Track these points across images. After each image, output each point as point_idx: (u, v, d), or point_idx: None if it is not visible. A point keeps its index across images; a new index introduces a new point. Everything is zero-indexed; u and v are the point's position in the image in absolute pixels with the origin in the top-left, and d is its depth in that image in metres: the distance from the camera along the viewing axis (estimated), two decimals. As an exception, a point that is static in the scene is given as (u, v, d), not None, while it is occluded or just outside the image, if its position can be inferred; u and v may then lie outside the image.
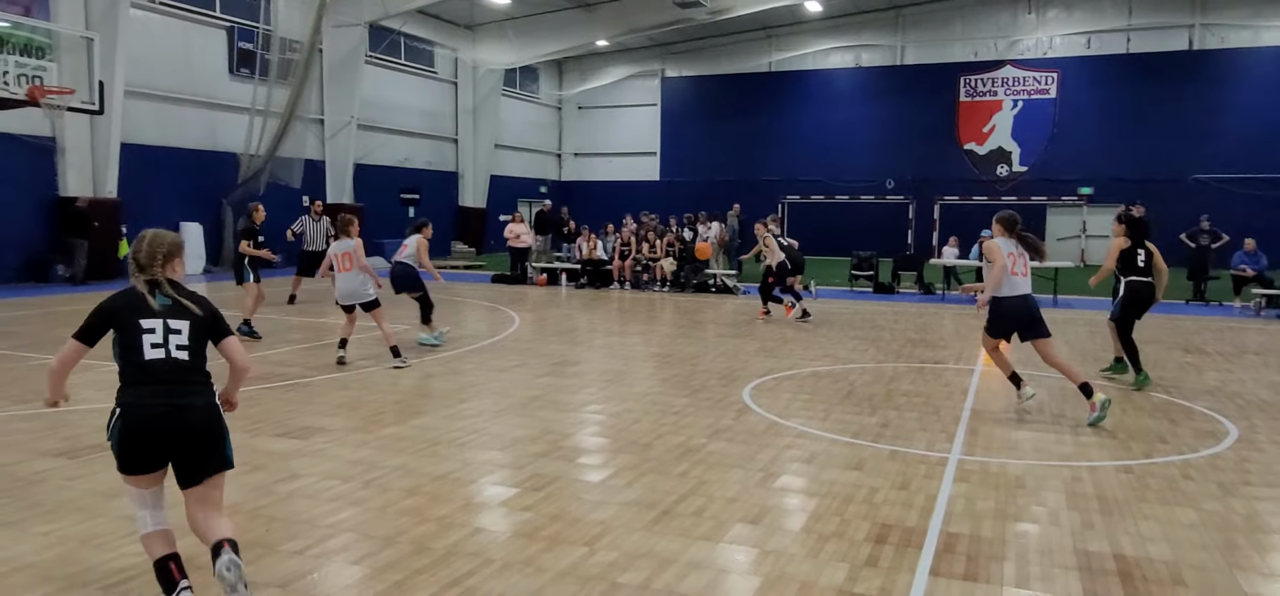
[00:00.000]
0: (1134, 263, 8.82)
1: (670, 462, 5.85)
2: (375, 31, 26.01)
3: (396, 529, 4.57)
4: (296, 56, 22.70)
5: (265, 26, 22.75)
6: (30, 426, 6.62)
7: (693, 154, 35.64)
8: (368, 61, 26.18)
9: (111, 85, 17.68)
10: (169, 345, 3.61)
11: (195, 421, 3.60)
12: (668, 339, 11.91)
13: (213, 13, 22.47)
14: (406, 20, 26.55)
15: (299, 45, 22.68)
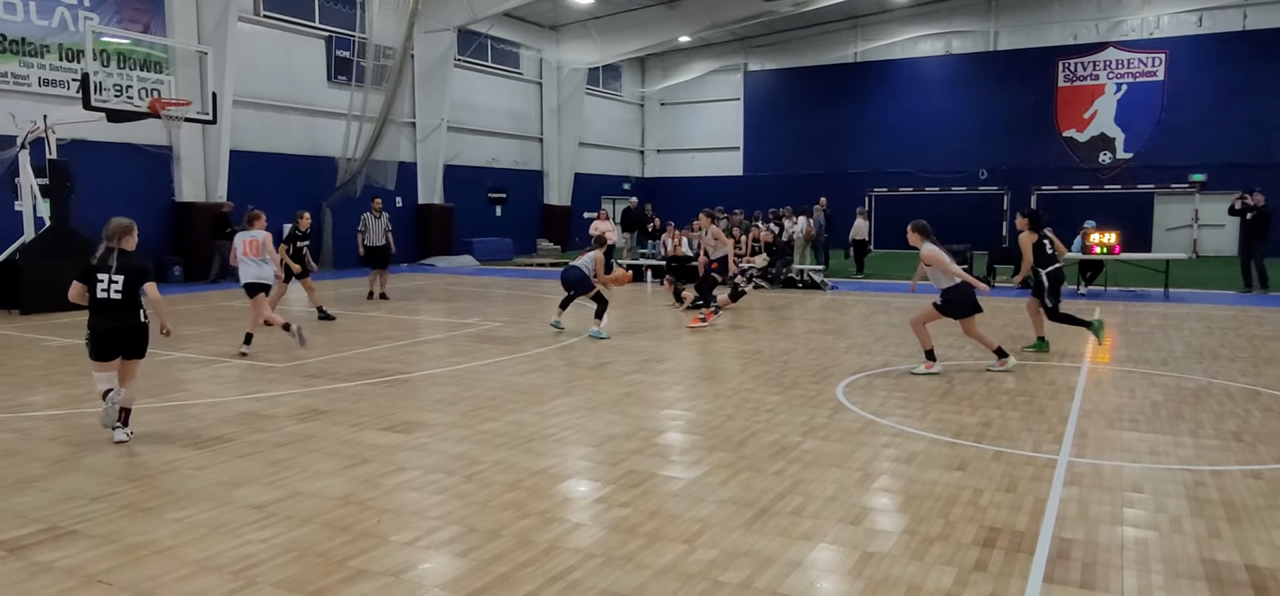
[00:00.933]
0: (1044, 252, 10.09)
1: (765, 461, 5.83)
2: (463, 35, 26.61)
3: (499, 522, 4.68)
4: (390, 62, 23.40)
5: (361, 35, 23.53)
6: (156, 418, 7.02)
7: (776, 148, 35.31)
8: (456, 65, 26.80)
9: (222, 96, 18.55)
10: (110, 291, 6.18)
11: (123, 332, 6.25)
12: (756, 335, 11.85)
13: (313, 23, 23.35)
14: (493, 23, 27.07)
15: (392, 52, 23.37)
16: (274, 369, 9.29)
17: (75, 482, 5.36)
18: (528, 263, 26.25)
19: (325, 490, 5.20)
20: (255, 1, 21.76)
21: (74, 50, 17.56)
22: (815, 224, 21.84)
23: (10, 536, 4.47)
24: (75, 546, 4.34)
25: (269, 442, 6.26)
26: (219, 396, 7.98)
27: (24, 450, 6.13)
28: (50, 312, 13.63)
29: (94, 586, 3.88)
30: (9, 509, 4.88)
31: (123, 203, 14.83)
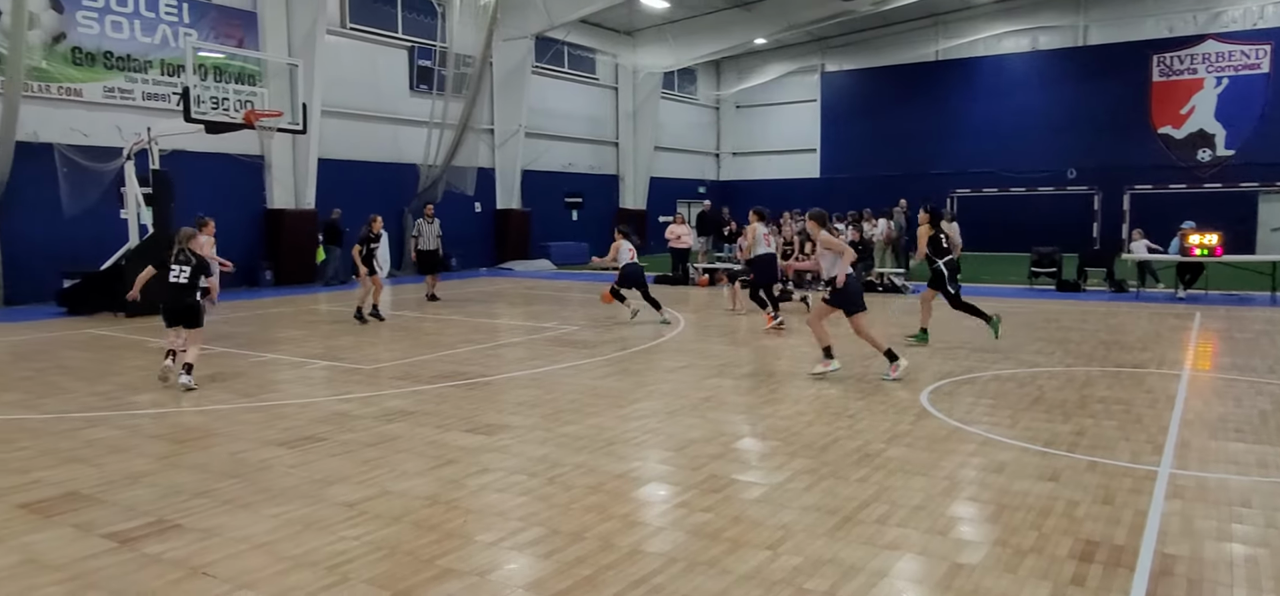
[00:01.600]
0: (939, 244, 10.83)
1: (848, 467, 5.74)
2: (541, 42, 26.97)
3: (582, 525, 4.72)
4: (469, 71, 23.87)
5: (442, 44, 24.07)
6: (253, 417, 7.30)
7: (854, 149, 34.75)
8: (534, 72, 27.17)
9: (310, 106, 19.19)
10: (180, 277, 8.54)
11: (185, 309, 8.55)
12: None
13: (396, 34, 23.99)
14: (570, 30, 27.36)
15: (472, 60, 23.84)
16: (361, 371, 9.57)
17: (179, 478, 5.62)
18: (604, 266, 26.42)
19: (413, 490, 5.33)
20: (342, 14, 22.46)
21: (174, 65, 18.41)
22: (895, 226, 21.43)
23: (122, 528, 4.71)
24: (180, 539, 4.54)
25: (358, 442, 6.44)
26: (309, 397, 8.25)
27: (132, 446, 6.45)
28: (153, 316, 14.30)
29: (199, 578, 4.05)
30: (120, 502, 5.14)
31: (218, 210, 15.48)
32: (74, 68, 17.22)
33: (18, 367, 9.96)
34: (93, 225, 16.57)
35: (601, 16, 28.03)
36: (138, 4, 18.13)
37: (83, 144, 17.08)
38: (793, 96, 36.65)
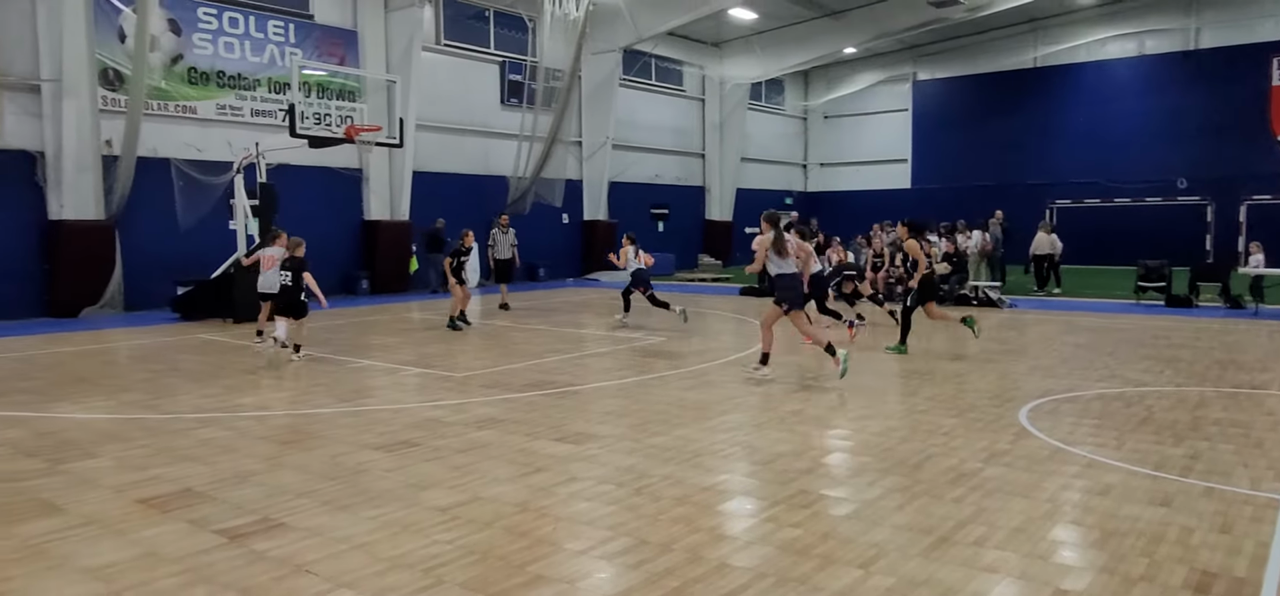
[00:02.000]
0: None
1: (943, 486, 5.58)
2: (628, 55, 27.21)
3: (670, 537, 4.71)
4: (559, 84, 24.26)
5: (532, 59, 24.54)
6: (351, 422, 7.56)
7: (947, 159, 33.89)
8: (621, 85, 27.43)
9: (407, 120, 19.83)
10: (285, 278, 10.63)
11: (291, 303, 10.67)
12: (927, 354, 11.38)
13: (488, 50, 24.58)
14: (657, 42, 27.51)
15: (561, 74, 24.22)
16: (451, 379, 9.79)
17: (283, 478, 5.85)
18: (689, 277, 26.41)
19: (503, 496, 5.42)
20: (437, 32, 23.13)
21: (281, 83, 19.27)
22: (991, 238, 20.79)
23: (231, 525, 4.93)
24: (285, 537, 4.73)
25: (450, 448, 6.59)
26: (403, 403, 8.49)
27: (240, 447, 6.75)
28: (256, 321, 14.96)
29: (302, 575, 4.21)
30: (230, 500, 5.39)
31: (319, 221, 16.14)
32: (190, 86, 18.22)
33: (137, 370, 10.55)
34: (204, 236, 17.46)
35: (688, 28, 28.10)
36: (248, 25, 19.07)
37: (196, 159, 18.03)
38: (883, 106, 36.01)
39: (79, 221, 16.19)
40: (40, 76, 16.06)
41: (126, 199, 16.65)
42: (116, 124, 16.59)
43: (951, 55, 33.75)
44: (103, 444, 6.85)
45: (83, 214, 16.24)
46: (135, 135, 16.21)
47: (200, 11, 18.30)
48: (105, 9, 16.87)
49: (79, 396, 8.90)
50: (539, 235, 24.75)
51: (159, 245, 17.32)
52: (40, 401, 8.64)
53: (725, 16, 26.78)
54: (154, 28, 16.68)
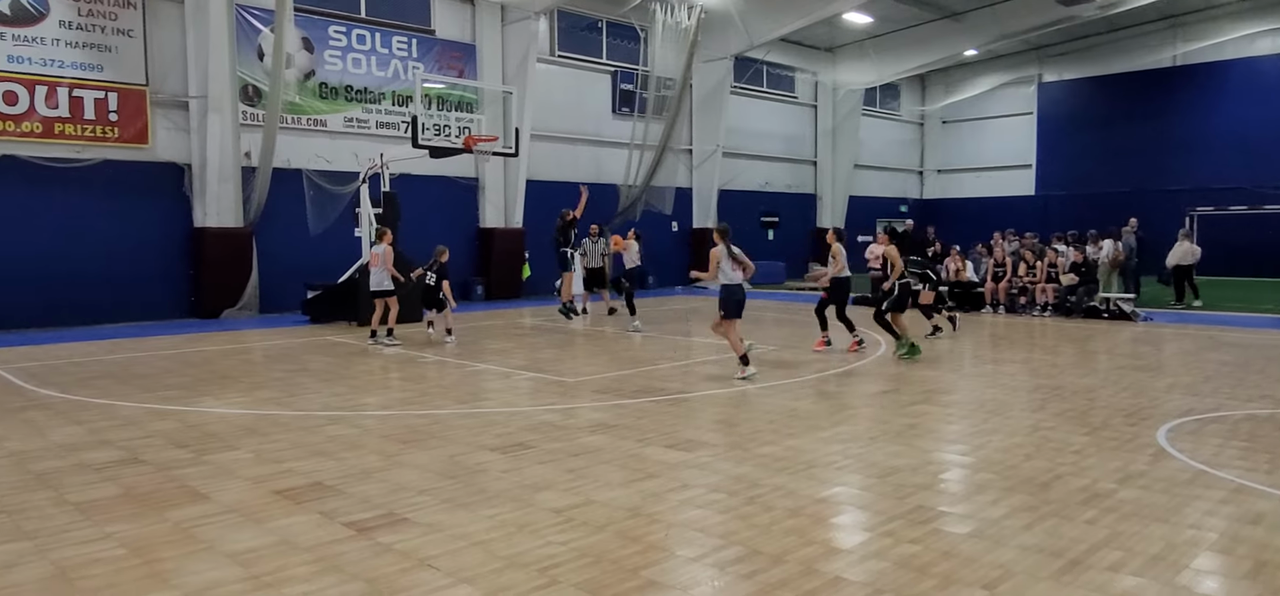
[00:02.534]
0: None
1: (1074, 507, 5.30)
2: (739, 62, 27.09)
3: (782, 548, 4.65)
4: (670, 93, 24.39)
5: (643, 68, 24.75)
6: (468, 424, 7.78)
7: (1075, 164, 32.26)
8: (732, 92, 27.33)
9: (522, 131, 20.33)
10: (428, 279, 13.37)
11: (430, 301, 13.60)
12: (1055, 368, 10.86)
13: (600, 60, 24.95)
14: (769, 49, 27.30)
15: (672, 82, 24.34)
16: (564, 383, 9.96)
17: (405, 476, 6.07)
18: (799, 286, 26.05)
19: (616, 500, 5.47)
20: (551, 43, 23.64)
21: (403, 96, 20.11)
22: (1124, 247, 19.66)
23: (358, 518, 5.15)
24: (408, 532, 4.90)
25: (564, 452, 6.70)
26: (517, 407, 8.69)
27: (364, 444, 7.05)
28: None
29: (425, 569, 4.36)
30: (356, 494, 5.63)
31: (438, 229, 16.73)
32: (320, 101, 19.21)
33: (271, 368, 11.18)
34: (332, 242, 18.36)
35: (801, 34, 27.77)
36: (375, 42, 19.97)
37: (325, 169, 18.98)
38: (1005, 109, 34.62)
39: (220, 228, 17.29)
40: (189, 94, 17.27)
41: (262, 207, 17.68)
42: (254, 137, 17.68)
43: (1080, 55, 32.15)
44: (242, 437, 7.28)
45: (224, 222, 17.34)
46: (271, 147, 17.20)
47: (331, 30, 19.28)
48: (246, 30, 18.00)
49: (221, 392, 9.49)
50: (648, 243, 24.84)
51: (291, 251, 18.31)
52: (187, 396, 9.25)
53: (839, 21, 26.33)
54: (289, 46, 17.66)
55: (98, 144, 16.43)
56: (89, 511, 5.28)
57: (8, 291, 15.53)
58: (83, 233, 16.41)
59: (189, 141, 17.38)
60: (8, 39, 15.41)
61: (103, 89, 16.40)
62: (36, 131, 15.71)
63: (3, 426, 7.80)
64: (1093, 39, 31.05)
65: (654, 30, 23.88)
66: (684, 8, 23.53)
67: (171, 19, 17.19)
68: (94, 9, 16.28)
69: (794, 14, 24.05)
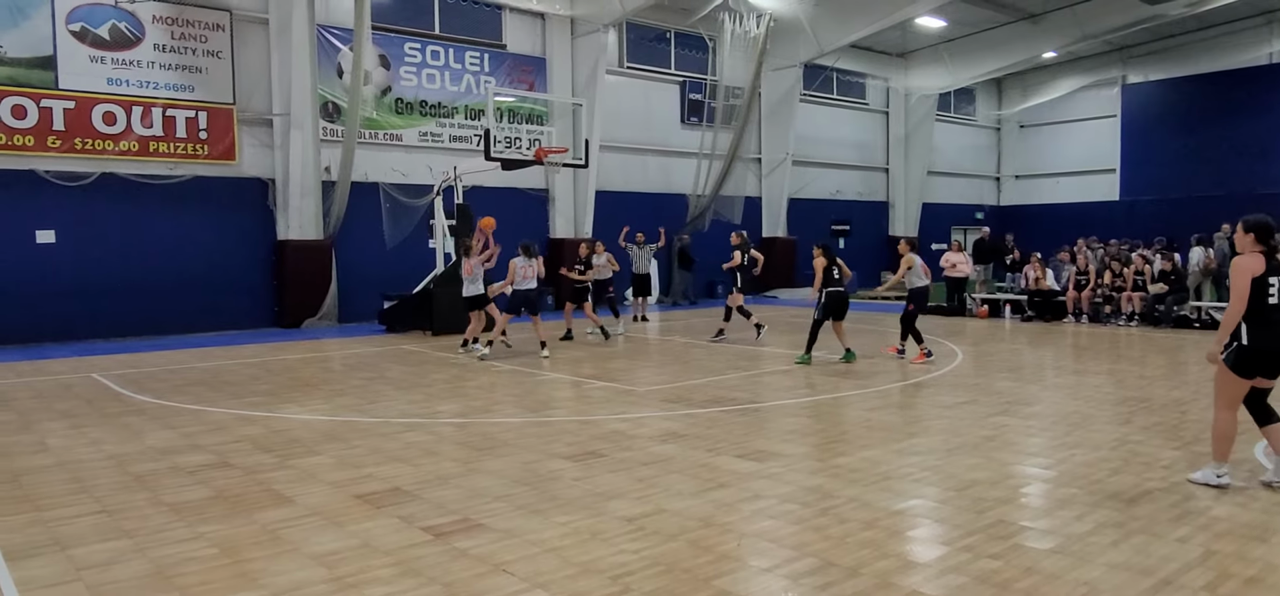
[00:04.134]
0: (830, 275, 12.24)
1: (1164, 524, 5.10)
2: (809, 70, 26.85)
3: (858, 560, 4.59)
4: (739, 102, 24.31)
5: (712, 77, 24.74)
6: (540, 432, 7.88)
7: (1162, 168, 30.97)
8: (802, 99, 27.09)
9: (591, 142, 20.53)
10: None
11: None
12: (1142, 380, 10.45)
13: (668, 70, 25.02)
14: (840, 56, 26.99)
15: (741, 91, 24.26)
16: (634, 393, 10.00)
17: (480, 482, 6.18)
18: (871, 296, 25.63)
19: (688, 509, 5.47)
20: (620, 55, 23.81)
21: (476, 110, 20.51)
22: (1215, 254, 18.85)
23: (435, 523, 5.26)
24: (484, 537, 4.99)
25: (635, 461, 6.73)
26: (589, 415, 8.76)
27: (440, 451, 7.20)
28: (457, 334, 15.91)
29: (500, 574, 4.43)
30: (433, 499, 5.75)
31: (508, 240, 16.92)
32: (396, 116, 19.73)
33: (350, 377, 11.50)
34: (407, 254, 18.82)
35: (872, 40, 27.40)
36: (448, 57, 20.43)
37: (401, 182, 19.47)
38: (1087, 112, 33.48)
39: (302, 241, 17.89)
40: (272, 111, 17.94)
41: (341, 220, 18.22)
42: (334, 152, 18.25)
43: (1168, 55, 30.89)
44: (323, 443, 7.51)
45: (305, 234, 17.93)
46: (350, 162, 17.73)
47: (406, 46, 19.80)
48: (326, 48, 18.61)
49: (303, 399, 9.80)
50: (717, 252, 24.80)
51: (368, 262, 18.82)
52: (272, 402, 9.59)
53: (911, 26, 25.88)
54: (367, 63, 18.18)
55: (189, 161, 17.18)
56: (182, 512, 5.51)
57: (107, 302, 16.34)
58: (175, 246, 17.16)
59: (272, 157, 18.04)
60: (107, 62, 16.25)
61: (193, 108, 17.15)
62: (133, 150, 16.50)
63: (104, 430, 8.20)
64: (1180, 38, 29.84)
65: (722, 39, 23.85)
66: (753, 16, 23.44)
67: (257, 40, 17.89)
68: (186, 32, 17.05)
69: (865, 20, 23.74)
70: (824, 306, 12.22)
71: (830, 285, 12.22)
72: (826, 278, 12.25)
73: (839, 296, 12.25)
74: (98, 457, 7.13)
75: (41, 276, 15.88)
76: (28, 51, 15.53)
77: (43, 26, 15.65)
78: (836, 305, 12.22)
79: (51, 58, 15.73)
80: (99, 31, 16.17)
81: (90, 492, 6.09)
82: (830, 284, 12.23)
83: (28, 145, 15.51)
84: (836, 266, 12.30)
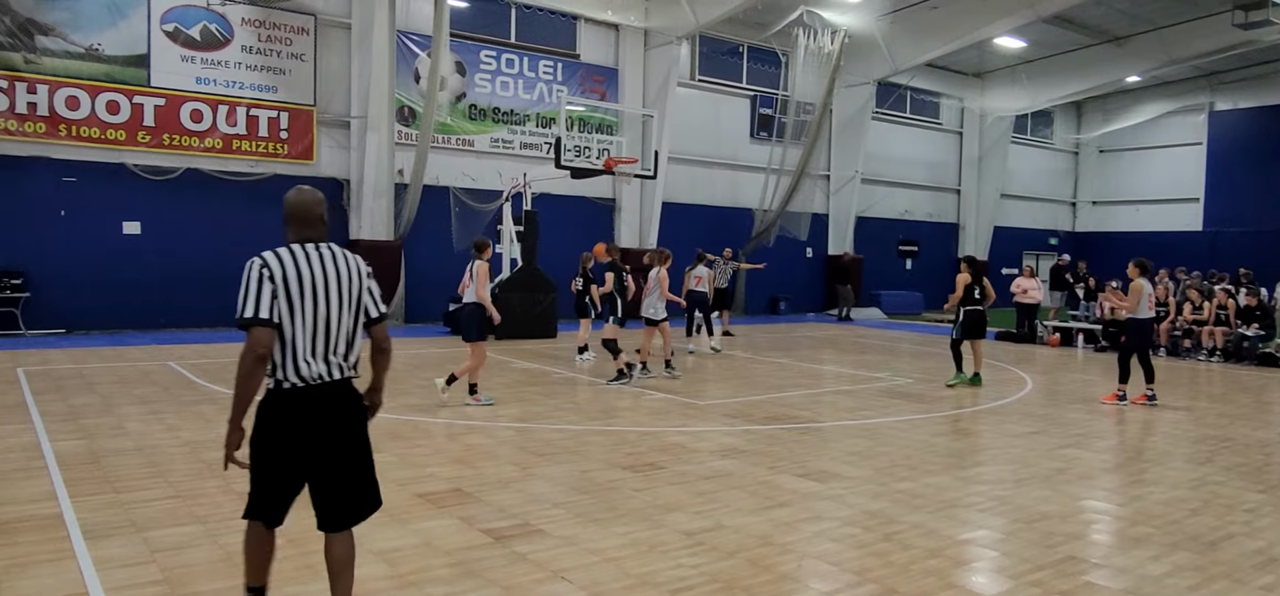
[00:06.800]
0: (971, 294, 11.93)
1: (1248, 571, 4.87)
2: (882, 88, 26.50)
3: (922, 590, 4.48)
4: (810, 118, 24.11)
5: (783, 92, 24.59)
6: (600, 440, 7.90)
7: (1251, 199, 29.69)
8: (874, 117, 26.74)
9: (660, 153, 20.57)
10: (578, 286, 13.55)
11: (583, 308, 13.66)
12: (1224, 418, 10.01)
13: (740, 84, 24.96)
14: (914, 74, 26.60)
15: (812, 107, 24.06)
16: (695, 406, 9.96)
17: (539, 488, 6.23)
18: (938, 318, 25.13)
19: (747, 527, 5.42)
20: (691, 68, 23.84)
21: (547, 118, 20.76)
22: (1306, 290, 17.99)
23: (495, 526, 5.31)
24: (543, 543, 5.02)
25: (695, 475, 6.70)
26: (649, 426, 8.75)
27: (500, 455, 7.27)
28: (520, 339, 16.11)
29: (558, 581, 4.45)
30: (493, 503, 5.81)
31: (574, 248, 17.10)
32: (469, 122, 20.08)
33: (414, 376, 11.71)
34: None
35: (948, 59, 26.93)
36: (522, 66, 20.74)
37: (471, 188, 19.79)
38: (1171, 139, 32.35)
39: (374, 241, 18.29)
40: (350, 114, 18.43)
41: (412, 223, 18.59)
42: (407, 155, 18.65)
43: (1259, 82, 29.68)
44: (388, 441, 7.65)
45: (376, 235, 18.34)
46: (423, 166, 18.09)
47: (482, 54, 20.15)
48: (405, 54, 19.05)
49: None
50: (782, 269, 24.66)
51: (435, 265, 19.15)
52: (339, 398, 9.79)
53: (989, 45, 25.36)
54: (444, 69, 18.55)
55: (269, 160, 17.74)
56: (253, 500, 5.67)
57: (188, 292, 16.95)
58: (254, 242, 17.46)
59: (349, 158, 18.52)
60: (196, 62, 16.90)
61: (276, 108, 17.72)
62: (217, 147, 17.13)
63: (179, 418, 8.50)
64: (1273, 64, 28.62)
65: (795, 55, 23.70)
66: (827, 33, 23.24)
67: (339, 44, 18.41)
68: (272, 34, 17.64)
69: (942, 39, 23.36)
70: (962, 325, 11.96)
71: (970, 303, 11.93)
72: (967, 295, 11.94)
73: (977, 315, 11.93)
74: (173, 443, 7.39)
75: (126, 266, 16.55)
76: (123, 50, 16.25)
77: (138, 26, 16.37)
78: (974, 324, 11.94)
79: (145, 56, 16.44)
80: (191, 32, 16.84)
81: (165, 477, 6.30)
82: (969, 302, 11.93)
83: (119, 139, 16.22)
84: (980, 285, 11.93)
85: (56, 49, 15.70)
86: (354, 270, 3.65)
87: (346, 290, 3.60)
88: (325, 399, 3.53)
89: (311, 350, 3.48)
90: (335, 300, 3.55)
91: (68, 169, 15.97)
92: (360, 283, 3.67)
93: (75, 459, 6.75)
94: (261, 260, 3.46)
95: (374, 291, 3.76)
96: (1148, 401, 10.79)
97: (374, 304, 3.76)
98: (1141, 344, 10.78)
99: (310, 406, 3.50)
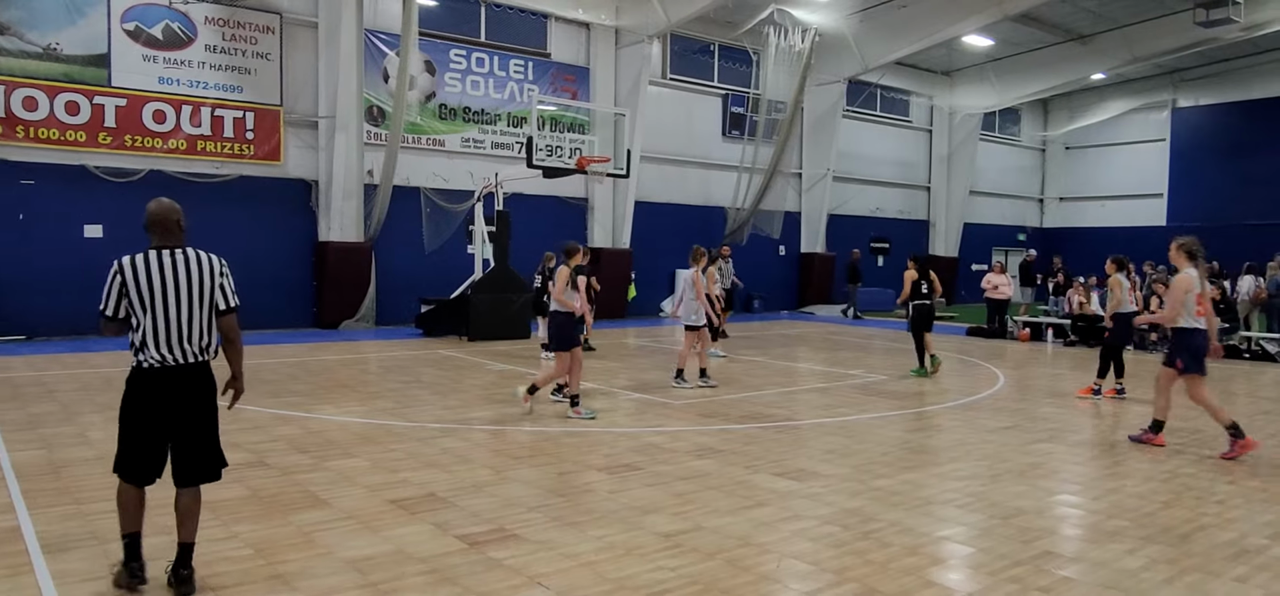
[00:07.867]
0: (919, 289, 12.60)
1: (1220, 562, 4.91)
2: (853, 86, 26.63)
3: (901, 588, 4.46)
4: (781, 116, 24.16)
5: (755, 91, 24.62)
6: (575, 442, 7.82)
7: (1213, 195, 30.25)
8: (845, 115, 26.86)
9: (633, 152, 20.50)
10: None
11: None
12: (1191, 410, 10.12)
13: (711, 82, 24.95)
14: (884, 73, 26.76)
15: (783, 106, 24.11)
16: (670, 406, 9.91)
17: (514, 491, 6.14)
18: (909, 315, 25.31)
19: (725, 527, 5.37)
20: (663, 66, 23.79)
21: (518, 117, 20.61)
22: (1270, 284, 18.33)
23: (470, 531, 5.22)
24: (519, 548, 4.94)
25: (672, 475, 6.64)
26: (624, 428, 8.69)
27: (474, 458, 7.17)
28: (492, 340, 15.97)
29: (535, 587, 4.37)
30: (467, 508, 5.71)
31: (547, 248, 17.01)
32: (440, 121, 19.88)
33: (386, 379, 11.55)
34: (445, 259, 18.92)
35: (917, 57, 27.12)
36: (493, 65, 20.57)
37: (442, 188, 19.59)
38: (1135, 136, 32.86)
39: (342, 243, 18.06)
40: (318, 114, 18.16)
41: (382, 224, 18.37)
42: (377, 155, 18.42)
43: (1219, 80, 30.24)
44: (359, 445, 7.52)
45: (346, 236, 18.10)
46: (393, 166, 17.87)
47: (452, 53, 19.95)
48: (373, 53, 18.82)
49: (339, 400, 9.85)
50: (755, 267, 24.68)
51: (406, 266, 18.95)
52: (308, 403, 9.65)
53: (958, 44, 25.56)
54: (413, 69, 18.34)
55: (235, 160, 17.43)
56: (218, 511, 5.52)
57: (151, 297, 16.59)
58: (219, 244, 17.06)
59: (317, 159, 18.25)
60: (159, 62, 16.57)
61: (241, 109, 17.42)
62: (181, 148, 16.79)
63: (144, 424, 8.28)
64: (1234, 63, 29.17)
65: (767, 53, 23.73)
66: (798, 31, 23.29)
67: (306, 43, 18.14)
68: (237, 34, 17.34)
69: (911, 37, 23.51)
70: (911, 319, 12.78)
71: (917, 298, 12.71)
72: (914, 291, 12.71)
73: (924, 309, 12.66)
74: (139, 451, 7.19)
75: (88, 270, 16.11)
76: (83, 49, 15.89)
77: (98, 25, 16.01)
78: (922, 317, 12.66)
79: (105, 56, 16.08)
80: (152, 31, 16.50)
81: (130, 486, 6.13)
82: (917, 297, 12.71)
83: (80, 141, 15.85)
84: (927, 280, 12.74)
85: (12, 48, 15.31)
86: (206, 269, 4.26)
87: (198, 289, 4.22)
88: (178, 379, 4.20)
89: (166, 340, 4.17)
90: (185, 298, 4.19)
91: (26, 171, 15.58)
92: (212, 281, 4.27)
93: (34, 469, 6.55)
94: (117, 265, 4.17)
95: (226, 287, 4.31)
96: (1117, 395, 10.95)
97: (224, 298, 4.31)
98: (1126, 338, 11.06)
99: (164, 384, 4.19)
